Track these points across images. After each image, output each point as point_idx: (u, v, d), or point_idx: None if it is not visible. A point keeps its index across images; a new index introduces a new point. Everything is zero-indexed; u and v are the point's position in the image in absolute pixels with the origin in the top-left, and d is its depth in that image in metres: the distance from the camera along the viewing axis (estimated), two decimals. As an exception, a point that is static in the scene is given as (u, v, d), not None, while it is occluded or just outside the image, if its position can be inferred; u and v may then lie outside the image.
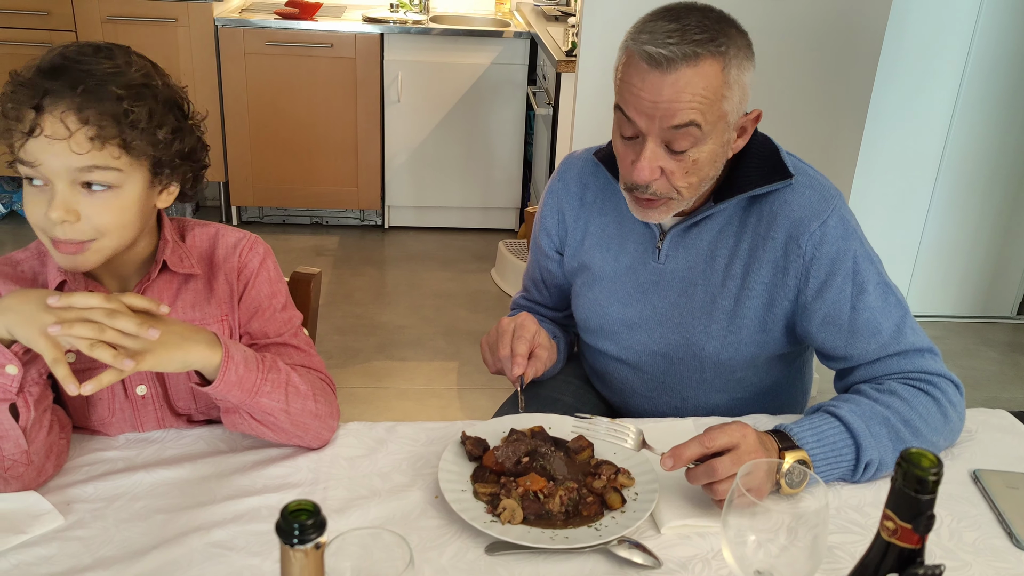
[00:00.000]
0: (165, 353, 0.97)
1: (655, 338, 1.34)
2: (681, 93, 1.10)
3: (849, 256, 1.21)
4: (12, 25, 3.56)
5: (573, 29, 3.37)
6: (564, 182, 1.40)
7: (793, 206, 1.23)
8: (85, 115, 0.98)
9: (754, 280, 1.26)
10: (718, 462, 1.01)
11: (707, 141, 1.14)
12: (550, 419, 1.23)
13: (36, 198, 1.02)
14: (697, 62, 1.09)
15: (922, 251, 3.38)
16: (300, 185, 3.90)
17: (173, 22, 3.60)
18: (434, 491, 1.10)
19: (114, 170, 1.02)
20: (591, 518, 1.05)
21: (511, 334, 1.26)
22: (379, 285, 3.56)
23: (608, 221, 1.36)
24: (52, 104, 0.98)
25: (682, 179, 1.17)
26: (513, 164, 3.97)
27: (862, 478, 1.13)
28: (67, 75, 0.99)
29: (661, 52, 1.09)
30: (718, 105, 1.12)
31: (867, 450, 1.11)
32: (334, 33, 3.65)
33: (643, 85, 1.11)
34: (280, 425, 1.10)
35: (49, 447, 1.06)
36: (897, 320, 1.22)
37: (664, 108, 1.11)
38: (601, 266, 1.36)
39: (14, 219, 3.91)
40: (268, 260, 1.21)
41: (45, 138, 0.98)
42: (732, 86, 1.13)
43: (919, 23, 3.00)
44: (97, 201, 1.02)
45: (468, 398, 2.79)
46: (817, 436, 1.10)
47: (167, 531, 1.01)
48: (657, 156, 1.15)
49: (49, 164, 0.99)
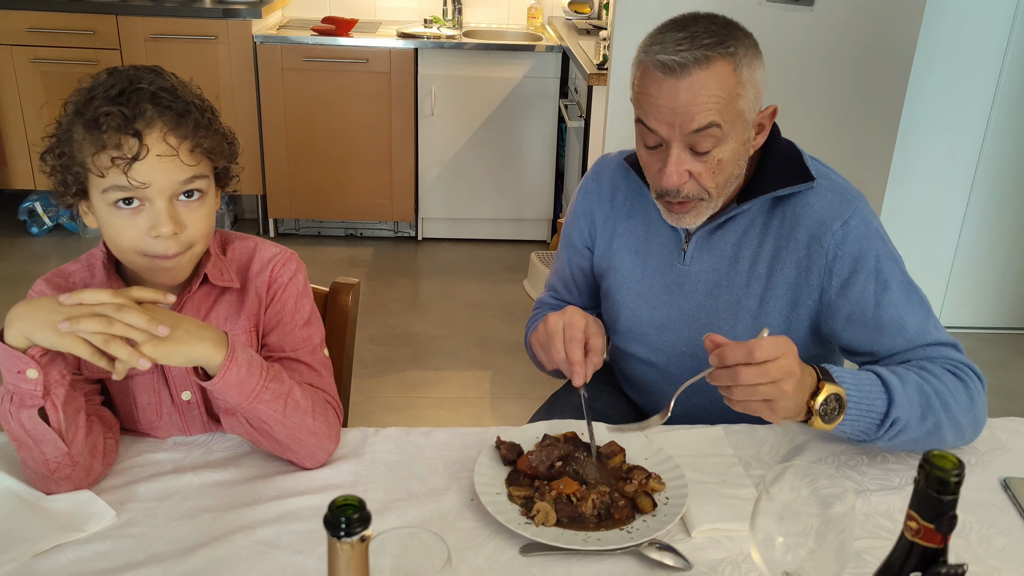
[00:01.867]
0: (169, 347, 1.00)
1: (683, 339, 1.37)
2: (697, 96, 1.14)
3: (871, 254, 1.24)
4: (60, 44, 3.68)
5: (604, 42, 3.41)
6: (597, 183, 1.44)
7: (815, 207, 1.26)
8: (181, 131, 1.06)
9: (778, 280, 1.28)
10: (744, 369, 1.01)
11: (728, 140, 1.18)
12: (583, 425, 1.25)
13: (130, 220, 1.07)
14: (709, 65, 1.14)
15: (957, 262, 3.36)
16: (335, 197, 3.98)
17: (213, 39, 3.70)
18: (470, 494, 1.13)
19: (205, 178, 1.10)
20: (622, 521, 1.08)
21: (561, 335, 1.21)
22: (413, 296, 3.62)
23: (636, 224, 1.39)
24: (148, 126, 1.04)
25: (710, 179, 1.21)
26: (545, 176, 4.01)
27: (885, 435, 1.14)
28: (146, 97, 1.04)
29: (673, 59, 1.14)
30: (734, 104, 1.17)
31: (898, 406, 1.12)
32: (369, 48, 3.72)
33: (660, 93, 1.16)
34: (274, 435, 1.12)
35: (93, 447, 1.10)
36: (921, 317, 1.24)
37: (683, 113, 1.15)
38: (630, 268, 1.39)
39: (59, 232, 4.02)
40: (298, 276, 1.24)
41: (156, 158, 1.04)
42: (745, 84, 1.17)
43: (952, 34, 2.99)
44: (192, 210, 1.10)
45: (501, 407, 2.82)
46: (855, 380, 1.11)
47: (215, 529, 1.05)
48: (683, 160, 1.19)
49: (158, 182, 1.05)
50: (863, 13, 2.52)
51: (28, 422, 1.02)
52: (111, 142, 1.03)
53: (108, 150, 1.03)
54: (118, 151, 1.03)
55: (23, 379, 1.00)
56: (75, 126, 1.05)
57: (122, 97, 1.04)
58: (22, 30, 3.65)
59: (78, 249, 3.88)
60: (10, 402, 1.02)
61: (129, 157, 1.03)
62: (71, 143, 1.05)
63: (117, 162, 1.03)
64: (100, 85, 1.05)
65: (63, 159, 1.06)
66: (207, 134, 1.09)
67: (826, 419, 1.03)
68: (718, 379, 1.04)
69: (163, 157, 1.05)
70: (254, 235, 1.28)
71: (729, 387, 1.03)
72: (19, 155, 3.86)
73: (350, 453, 1.21)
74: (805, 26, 2.50)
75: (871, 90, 2.60)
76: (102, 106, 1.03)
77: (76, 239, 3.98)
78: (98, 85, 1.05)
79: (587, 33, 3.88)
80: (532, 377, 2.97)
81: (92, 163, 1.04)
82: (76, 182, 1.06)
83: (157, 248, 1.08)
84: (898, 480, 1.18)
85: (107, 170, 1.03)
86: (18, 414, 1.02)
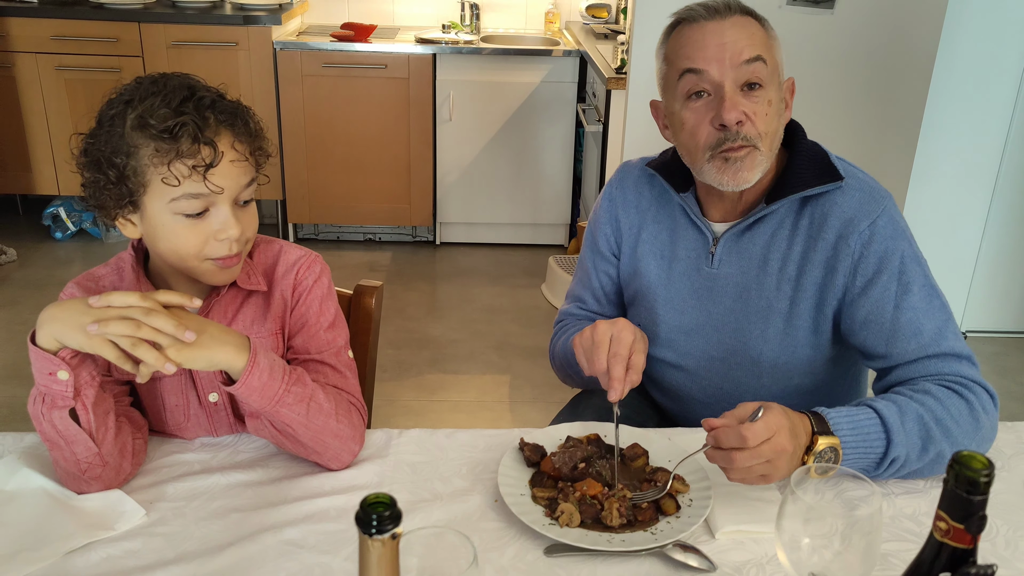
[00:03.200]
0: (193, 351, 1.01)
1: (712, 343, 1.37)
2: (742, 31, 1.22)
3: (897, 255, 1.24)
4: (84, 52, 3.73)
5: (622, 47, 3.42)
6: (621, 188, 1.44)
7: (844, 207, 1.26)
8: (242, 136, 1.09)
9: (807, 281, 1.28)
10: (738, 454, 1.02)
11: (772, 83, 1.23)
12: (606, 427, 1.26)
13: (196, 227, 1.09)
14: (743, 16, 1.24)
15: (980, 265, 3.33)
16: (354, 203, 4.00)
17: (234, 46, 3.74)
18: (493, 495, 1.14)
19: (257, 182, 1.13)
20: (647, 523, 1.08)
21: (607, 347, 1.19)
22: (431, 300, 3.63)
23: (661, 229, 1.39)
24: (216, 133, 1.07)
25: (763, 122, 1.23)
26: (563, 181, 4.02)
27: (883, 474, 1.14)
28: (207, 105, 1.07)
29: (711, 2, 1.23)
30: (771, 51, 1.24)
31: (897, 445, 1.11)
32: (388, 54, 3.75)
33: (704, 35, 1.22)
34: (299, 438, 1.13)
35: (122, 448, 1.11)
36: (939, 323, 1.23)
37: (731, 47, 1.21)
38: (656, 273, 1.39)
39: (83, 237, 4.07)
40: (323, 279, 1.25)
41: (229, 163, 1.07)
42: (774, 41, 1.26)
43: (973, 36, 2.98)
44: (247, 212, 1.14)
45: (520, 411, 2.83)
46: (852, 424, 1.11)
47: (242, 529, 1.07)
48: (738, 101, 1.22)
49: (230, 187, 1.09)
50: (884, 15, 2.52)
51: (59, 423, 1.04)
52: (187, 151, 1.04)
53: (183, 158, 1.04)
54: (193, 159, 1.05)
55: (54, 380, 1.01)
56: (137, 138, 1.05)
57: (186, 106, 1.05)
58: (47, 38, 3.70)
59: (101, 253, 3.93)
60: (42, 403, 1.03)
61: (206, 164, 1.05)
62: (132, 156, 1.05)
63: (197, 169, 1.05)
64: (155, 95, 1.05)
65: (115, 171, 1.06)
66: (258, 137, 1.12)
67: (820, 471, 1.03)
68: (715, 459, 1.06)
69: (235, 162, 1.09)
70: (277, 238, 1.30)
71: (725, 468, 1.05)
72: (44, 161, 3.91)
73: (375, 454, 1.22)
74: (826, 28, 2.50)
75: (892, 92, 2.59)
76: (170, 117, 1.04)
77: (99, 244, 4.03)
78: (150, 95, 1.06)
79: (604, 37, 3.89)
80: (551, 381, 2.98)
81: (162, 172, 1.05)
82: (129, 194, 1.07)
83: (222, 251, 1.11)
84: (923, 483, 1.17)
85: (185, 178, 1.05)
86: (49, 415, 1.03)
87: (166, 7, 3.79)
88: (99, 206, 1.10)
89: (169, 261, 1.13)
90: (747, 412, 1.05)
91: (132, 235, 1.13)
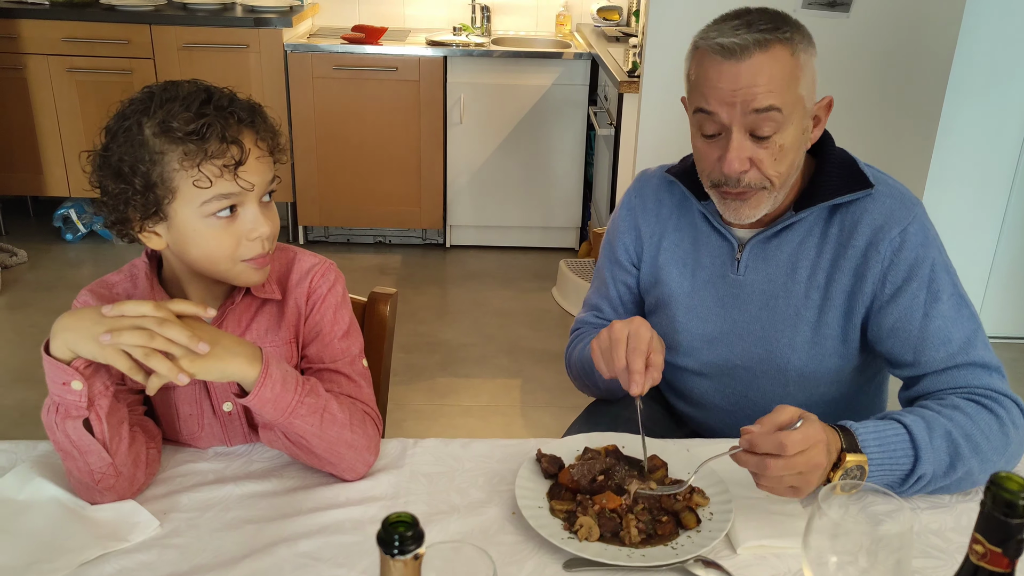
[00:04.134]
0: (207, 363, 1.00)
1: (737, 352, 1.35)
2: (758, 77, 1.15)
3: (927, 263, 1.22)
4: (95, 54, 3.73)
5: (634, 50, 3.40)
6: (641, 197, 1.42)
7: (874, 214, 1.24)
8: (263, 133, 1.09)
9: (836, 290, 1.27)
10: (773, 462, 1.01)
11: (788, 125, 1.18)
12: (624, 438, 1.24)
13: (227, 228, 1.08)
14: (768, 47, 1.15)
15: (995, 269, 3.30)
16: (364, 205, 3.99)
17: (245, 48, 3.73)
18: (511, 507, 1.12)
19: (278, 178, 1.13)
20: (666, 537, 1.06)
21: (625, 344, 1.18)
22: (441, 303, 3.62)
23: (683, 237, 1.38)
24: (241, 132, 1.06)
25: (771, 167, 1.20)
26: (573, 184, 4.00)
27: (909, 490, 1.12)
28: (226, 104, 1.06)
29: (733, 42, 1.15)
30: (794, 88, 1.17)
31: (924, 463, 1.09)
32: (398, 57, 3.74)
33: (720, 76, 1.16)
34: (313, 450, 1.12)
35: (136, 458, 1.10)
36: (968, 333, 1.21)
37: (744, 94, 1.15)
38: (679, 282, 1.37)
39: (93, 239, 4.07)
40: (337, 286, 1.24)
41: (255, 160, 1.07)
42: (803, 68, 1.18)
43: (989, 39, 2.95)
44: (270, 210, 1.13)
45: (531, 416, 2.81)
46: (880, 441, 1.09)
47: (257, 541, 1.05)
48: (744, 146, 1.18)
49: (259, 183, 1.09)
50: (900, 19, 2.49)
51: (73, 433, 1.03)
52: (216, 151, 1.04)
53: (213, 159, 1.04)
54: (222, 158, 1.04)
55: (68, 390, 1.00)
56: (161, 144, 1.03)
57: (206, 108, 1.05)
58: (58, 40, 3.70)
59: (112, 255, 3.93)
60: (55, 413, 1.02)
61: (236, 161, 1.05)
62: (157, 163, 1.04)
63: (227, 168, 1.04)
64: (172, 101, 1.04)
65: (141, 179, 1.04)
66: (276, 134, 1.12)
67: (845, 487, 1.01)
68: (746, 463, 1.04)
69: (260, 159, 1.09)
70: (291, 244, 1.28)
71: (755, 473, 1.03)
72: (54, 163, 3.92)
73: (390, 464, 1.20)
74: (842, 32, 2.48)
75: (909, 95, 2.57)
76: (193, 119, 1.03)
77: (110, 246, 4.03)
78: (167, 101, 1.04)
79: (616, 40, 3.87)
80: (562, 386, 2.96)
81: (193, 175, 1.04)
82: (156, 202, 1.05)
83: (255, 250, 1.10)
84: (948, 498, 1.15)
85: (216, 178, 1.04)
86: (63, 425, 1.02)
87: (177, 9, 3.79)
88: (122, 220, 1.08)
89: (200, 267, 1.12)
90: (785, 417, 1.03)
91: (157, 246, 1.11)
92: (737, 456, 1.04)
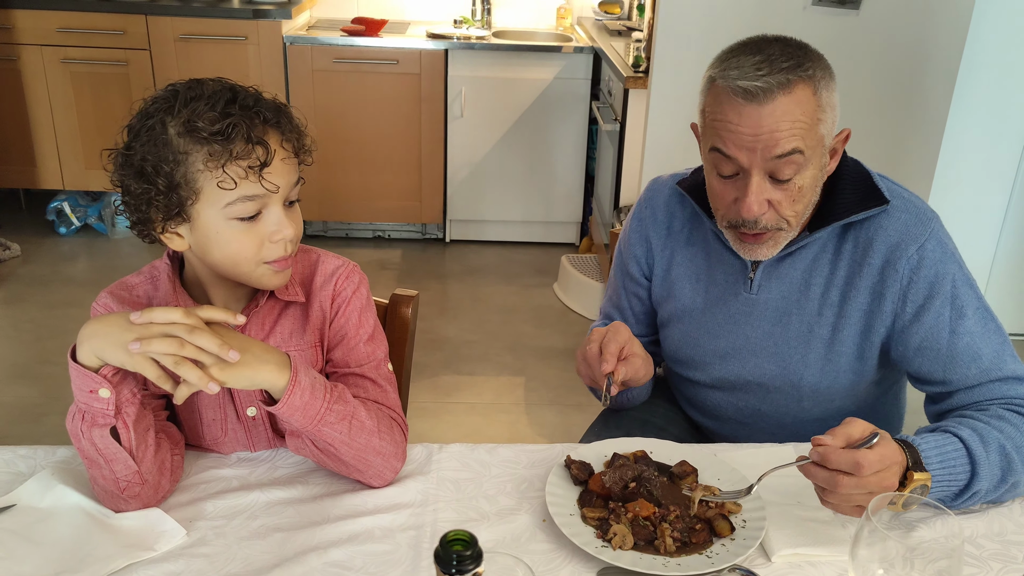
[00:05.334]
0: (236, 371, 0.99)
1: (749, 368, 1.34)
2: (780, 122, 1.11)
3: (948, 280, 1.20)
4: (90, 44, 3.68)
5: (637, 44, 3.38)
6: (652, 209, 1.39)
7: (890, 231, 1.22)
8: (288, 134, 1.07)
9: (852, 308, 1.25)
10: (845, 480, 0.98)
11: (808, 167, 1.15)
12: (651, 443, 1.23)
13: (251, 230, 1.06)
14: (791, 89, 1.10)
15: (996, 265, 3.31)
16: (364, 199, 3.96)
17: (243, 40, 3.69)
18: (541, 514, 1.11)
19: (302, 179, 1.11)
20: (700, 545, 1.05)
21: (600, 342, 1.23)
22: (443, 299, 3.60)
23: (696, 252, 1.35)
24: (264, 132, 1.04)
25: (789, 208, 1.17)
26: (575, 178, 3.99)
27: (961, 504, 1.11)
28: (251, 103, 1.04)
29: (755, 84, 1.10)
30: (816, 129, 1.13)
31: (980, 479, 1.08)
32: (399, 49, 3.70)
33: (741, 120, 1.12)
34: (340, 457, 1.10)
35: (161, 465, 1.08)
36: (997, 346, 1.20)
37: (766, 139, 1.11)
38: (692, 298, 1.36)
39: (87, 232, 4.02)
40: (362, 289, 1.22)
41: (280, 162, 1.05)
42: (825, 108, 1.14)
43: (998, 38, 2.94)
44: (295, 211, 1.11)
45: (536, 413, 2.80)
46: (941, 456, 1.07)
47: (286, 550, 1.04)
48: (763, 189, 1.15)
49: (284, 185, 1.06)
50: (910, 17, 2.49)
51: (100, 441, 1.01)
52: (241, 152, 1.01)
53: (238, 160, 1.01)
54: (247, 160, 1.02)
55: (95, 398, 0.98)
56: (186, 144, 1.01)
57: (231, 108, 1.02)
58: (52, 30, 3.65)
59: (107, 249, 3.88)
60: (81, 420, 1.00)
61: (261, 163, 1.02)
62: (181, 163, 1.01)
63: (252, 170, 1.02)
64: (197, 100, 1.02)
65: (164, 180, 1.02)
66: (302, 135, 1.10)
67: (906, 507, 1.00)
68: (814, 476, 1.01)
69: (285, 160, 1.06)
70: (315, 247, 1.26)
71: (824, 489, 1.01)
72: (48, 155, 3.86)
73: (416, 471, 1.19)
74: (851, 30, 2.47)
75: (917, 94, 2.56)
76: (218, 120, 1.01)
77: (105, 239, 3.98)
78: (191, 100, 1.02)
79: (618, 34, 3.85)
80: (566, 383, 2.95)
81: (217, 176, 1.01)
82: (180, 203, 1.03)
83: (278, 252, 1.08)
84: (979, 505, 1.15)
85: (241, 180, 1.02)
86: (89, 433, 1.00)
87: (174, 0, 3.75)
88: (144, 220, 1.05)
89: (222, 269, 1.09)
90: (856, 432, 1.01)
91: (179, 247, 1.09)
92: (806, 468, 1.02)
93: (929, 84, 2.57)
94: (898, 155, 2.62)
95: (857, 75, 2.54)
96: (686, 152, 2.61)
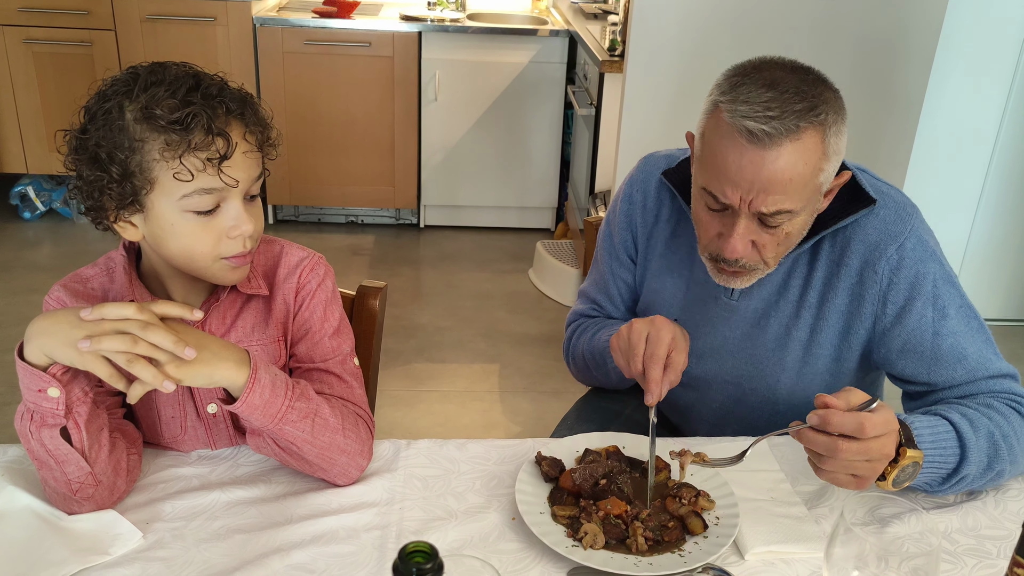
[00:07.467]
0: (193, 368, 0.95)
1: (726, 368, 1.32)
2: (780, 173, 1.05)
3: (928, 279, 1.17)
4: (53, 24, 3.58)
5: (613, 27, 3.34)
6: (643, 193, 1.35)
7: (868, 230, 1.18)
8: (252, 127, 1.02)
9: (830, 309, 1.22)
10: (846, 444, 0.95)
11: (800, 216, 1.11)
12: (623, 438, 1.21)
13: (208, 225, 1.01)
14: (799, 136, 1.04)
15: (969, 252, 3.33)
16: (336, 184, 3.90)
17: (212, 21, 3.60)
18: (510, 512, 1.09)
19: (266, 172, 1.06)
20: (673, 544, 1.03)
21: (643, 347, 1.13)
22: (416, 285, 3.56)
23: (680, 245, 1.32)
24: (227, 124, 0.99)
25: (772, 250, 1.13)
26: (550, 163, 3.95)
27: (948, 489, 1.10)
28: (215, 93, 0.99)
29: (763, 128, 1.03)
30: (814, 180, 1.08)
31: (969, 463, 1.07)
32: (372, 32, 3.64)
33: (741, 162, 1.05)
34: (304, 456, 1.07)
35: (116, 465, 1.04)
36: (981, 345, 1.18)
37: (760, 188, 1.06)
38: (672, 293, 1.33)
39: (52, 217, 3.93)
40: (327, 282, 1.18)
41: (241, 155, 1.00)
42: (831, 156, 1.08)
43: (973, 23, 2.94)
44: (255, 205, 1.06)
45: (510, 401, 2.78)
46: (933, 437, 1.05)
47: (247, 552, 1.00)
48: (750, 231, 1.10)
49: (244, 180, 1.02)
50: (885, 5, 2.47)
51: (50, 442, 0.96)
52: (200, 143, 0.96)
53: (196, 151, 0.96)
54: (206, 151, 0.97)
55: (44, 398, 0.94)
56: (143, 131, 0.96)
57: (193, 96, 0.97)
58: (14, 10, 3.54)
59: (72, 234, 3.80)
60: (30, 421, 0.96)
61: (220, 155, 0.97)
62: (137, 151, 0.96)
63: (211, 162, 0.97)
64: (157, 85, 0.97)
65: (118, 168, 0.97)
66: (267, 128, 1.05)
67: (896, 485, 0.97)
68: (812, 442, 0.97)
69: (247, 154, 1.02)
70: (278, 237, 1.22)
71: (822, 456, 0.97)
72: (11, 139, 3.76)
73: (383, 468, 1.16)
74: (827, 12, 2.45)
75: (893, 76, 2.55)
76: (178, 107, 0.96)
77: (70, 224, 3.89)
78: (152, 85, 0.97)
79: (594, 17, 3.80)
80: (541, 370, 2.93)
81: (173, 167, 0.97)
82: (134, 192, 0.98)
83: (235, 249, 1.04)
84: (953, 498, 1.14)
85: (198, 172, 0.97)
86: (39, 434, 0.96)
87: (140, -22, 3.65)
88: (97, 208, 1.01)
89: (177, 263, 1.05)
90: (855, 399, 0.98)
91: (133, 237, 1.04)
92: (803, 434, 0.98)
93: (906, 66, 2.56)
94: (873, 143, 2.61)
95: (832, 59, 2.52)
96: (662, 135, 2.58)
